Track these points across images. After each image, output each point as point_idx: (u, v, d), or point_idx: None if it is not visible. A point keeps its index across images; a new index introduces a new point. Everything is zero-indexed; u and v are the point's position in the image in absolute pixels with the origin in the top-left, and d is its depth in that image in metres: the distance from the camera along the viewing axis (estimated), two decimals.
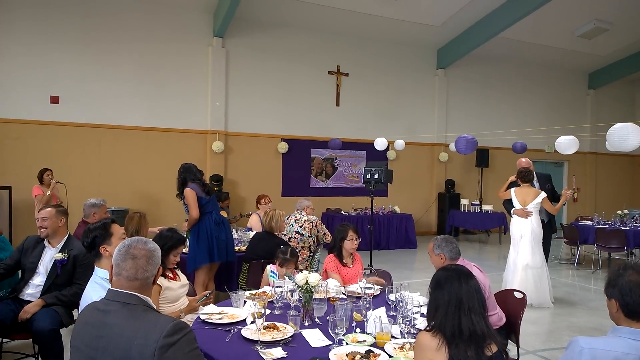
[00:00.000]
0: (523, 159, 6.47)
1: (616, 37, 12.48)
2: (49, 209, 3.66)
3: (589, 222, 9.25)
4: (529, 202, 5.98)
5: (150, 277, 1.93)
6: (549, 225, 6.47)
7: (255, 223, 6.67)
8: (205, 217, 4.85)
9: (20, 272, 3.75)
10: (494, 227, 11.78)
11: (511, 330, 3.34)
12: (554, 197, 6.35)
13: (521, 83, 14.09)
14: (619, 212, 9.59)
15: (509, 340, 3.37)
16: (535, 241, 6.01)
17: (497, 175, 12.68)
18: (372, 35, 11.87)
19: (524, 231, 6.01)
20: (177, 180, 4.97)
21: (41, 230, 3.62)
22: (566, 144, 6.87)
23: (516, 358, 3.20)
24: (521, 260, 6.00)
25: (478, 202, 12.22)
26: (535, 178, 6.38)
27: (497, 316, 3.30)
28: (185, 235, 4.97)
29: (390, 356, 2.31)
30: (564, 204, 6.29)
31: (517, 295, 3.45)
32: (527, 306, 3.42)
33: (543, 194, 6.00)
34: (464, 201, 12.16)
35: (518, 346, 3.27)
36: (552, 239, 6.78)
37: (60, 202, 7.43)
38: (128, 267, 1.90)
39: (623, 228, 8.39)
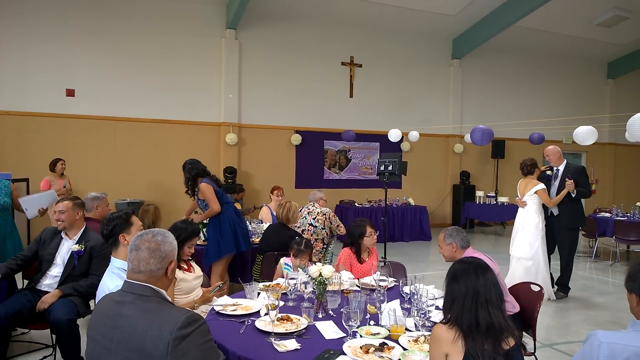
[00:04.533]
0: (549, 147, 6.28)
1: (636, 26, 12.18)
2: (66, 201, 3.69)
3: (608, 214, 9.10)
4: (524, 193, 6.03)
5: (155, 270, 1.88)
6: (556, 219, 6.09)
7: (265, 215, 6.68)
8: (225, 208, 4.90)
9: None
10: (510, 219, 11.50)
11: (528, 323, 3.30)
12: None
13: (538, 73, 13.86)
14: (639, 204, 9.41)
15: (525, 333, 3.33)
16: (528, 233, 5.94)
17: (513, 167, 12.47)
18: (386, 25, 11.75)
19: (519, 222, 6.06)
20: (186, 178, 4.94)
21: (58, 223, 3.66)
22: (584, 134, 6.73)
23: (533, 352, 3.17)
24: (513, 251, 6.08)
25: (494, 194, 12.09)
26: (557, 168, 6.20)
27: (509, 304, 3.27)
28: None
29: (404, 349, 2.29)
30: (575, 196, 5.93)
31: (534, 288, 3.41)
32: None
33: (539, 186, 5.91)
34: (479, 193, 12.05)
35: (535, 340, 3.23)
36: (562, 233, 6.09)
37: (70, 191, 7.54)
38: (132, 259, 1.90)
39: None
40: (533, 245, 5.93)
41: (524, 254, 5.95)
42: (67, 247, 3.66)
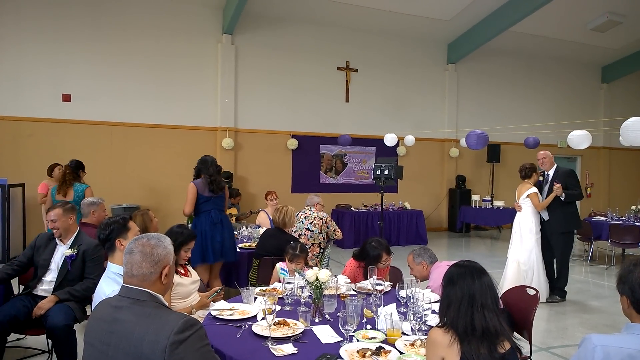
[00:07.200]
0: (541, 152, 6.36)
1: (629, 30, 12.29)
2: (56, 209, 3.69)
3: (603, 218, 9.15)
4: (520, 196, 6.19)
5: (148, 274, 1.87)
6: (547, 223, 6.13)
7: (263, 220, 6.70)
8: (201, 216, 4.84)
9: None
10: (506, 223, 11.63)
11: (523, 327, 3.31)
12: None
13: (533, 77, 13.93)
14: (633, 207, 9.46)
15: (521, 337, 3.34)
16: (523, 236, 6.11)
17: (508, 171, 12.58)
18: (382, 30, 11.80)
19: (516, 226, 6.27)
20: (194, 170, 5.10)
21: (54, 231, 3.67)
22: (579, 138, 6.76)
23: (529, 355, 3.17)
24: (510, 254, 6.25)
25: (489, 198, 12.13)
26: (547, 173, 6.25)
27: None
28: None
29: (401, 353, 2.30)
30: (564, 199, 5.92)
31: (530, 292, 3.42)
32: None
33: (531, 190, 6.06)
34: (475, 197, 12.09)
35: (530, 343, 3.24)
36: (554, 238, 6.11)
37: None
38: (126, 262, 1.91)
39: (637, 224, 8.29)
40: (528, 248, 6.05)
41: (519, 257, 6.06)
42: (62, 252, 3.66)
